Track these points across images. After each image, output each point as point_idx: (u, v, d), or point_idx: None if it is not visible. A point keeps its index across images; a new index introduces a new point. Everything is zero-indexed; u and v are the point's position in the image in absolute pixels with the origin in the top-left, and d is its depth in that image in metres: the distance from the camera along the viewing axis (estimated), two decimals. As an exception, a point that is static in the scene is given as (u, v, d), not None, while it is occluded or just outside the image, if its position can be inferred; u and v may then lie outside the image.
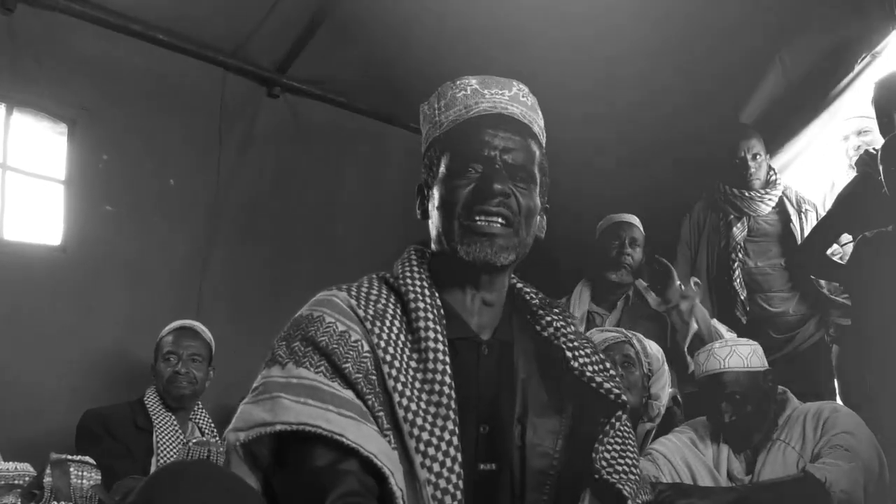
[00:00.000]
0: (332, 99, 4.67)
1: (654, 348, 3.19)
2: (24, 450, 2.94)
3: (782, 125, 4.29)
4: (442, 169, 1.58)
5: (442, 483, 1.36)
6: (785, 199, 4.03)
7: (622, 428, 1.59)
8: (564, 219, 2.72)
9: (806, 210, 4.00)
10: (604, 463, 1.50)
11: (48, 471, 2.70)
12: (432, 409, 1.41)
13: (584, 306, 3.88)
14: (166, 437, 3.28)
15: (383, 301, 1.52)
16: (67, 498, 2.62)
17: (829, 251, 3.83)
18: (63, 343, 3.66)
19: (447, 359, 1.46)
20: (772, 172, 4.02)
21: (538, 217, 1.62)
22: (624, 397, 1.57)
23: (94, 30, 3.82)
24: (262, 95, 4.47)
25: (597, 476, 1.46)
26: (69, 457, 2.74)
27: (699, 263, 4.16)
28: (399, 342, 1.47)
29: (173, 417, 3.36)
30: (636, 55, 4.23)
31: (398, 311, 1.51)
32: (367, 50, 4.39)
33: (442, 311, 1.53)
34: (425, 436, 1.38)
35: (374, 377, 1.41)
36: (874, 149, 3.68)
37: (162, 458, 3.21)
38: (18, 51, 3.61)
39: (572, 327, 1.65)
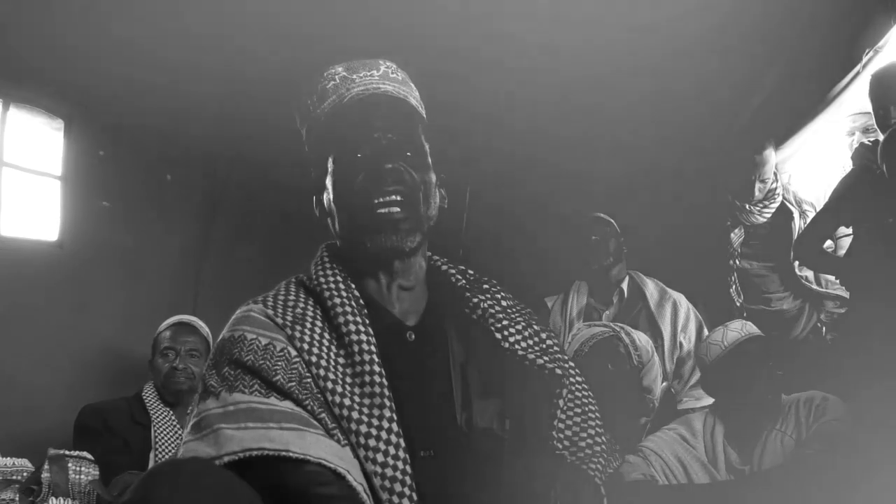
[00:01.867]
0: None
1: (643, 340, 3.19)
2: (21, 445, 2.94)
3: (784, 121, 4.29)
4: (330, 162, 1.57)
5: (388, 472, 1.35)
6: (785, 199, 4.02)
7: (578, 394, 1.57)
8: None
9: (805, 211, 4.00)
10: (567, 443, 1.49)
11: (46, 466, 2.70)
12: (367, 401, 1.40)
13: (582, 301, 3.90)
14: (164, 433, 3.28)
15: (301, 304, 1.51)
16: (65, 493, 2.62)
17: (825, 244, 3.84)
18: (60, 338, 3.66)
19: (373, 348, 1.45)
20: (775, 182, 4.00)
21: (436, 189, 1.60)
22: (559, 371, 1.55)
23: (91, 25, 3.81)
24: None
25: (561, 461, 1.45)
26: (67, 452, 2.75)
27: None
28: (324, 341, 1.46)
29: (171, 413, 3.36)
30: (642, 60, 4.24)
31: (318, 311, 1.51)
32: (360, 44, 4.37)
33: (361, 303, 1.52)
34: (364, 428, 1.37)
35: (308, 381, 1.40)
36: (870, 141, 3.68)
37: (160, 453, 3.21)
38: (14, 46, 3.60)
39: (503, 303, 1.64)
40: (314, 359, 1.42)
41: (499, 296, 1.66)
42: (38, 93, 3.77)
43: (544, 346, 1.60)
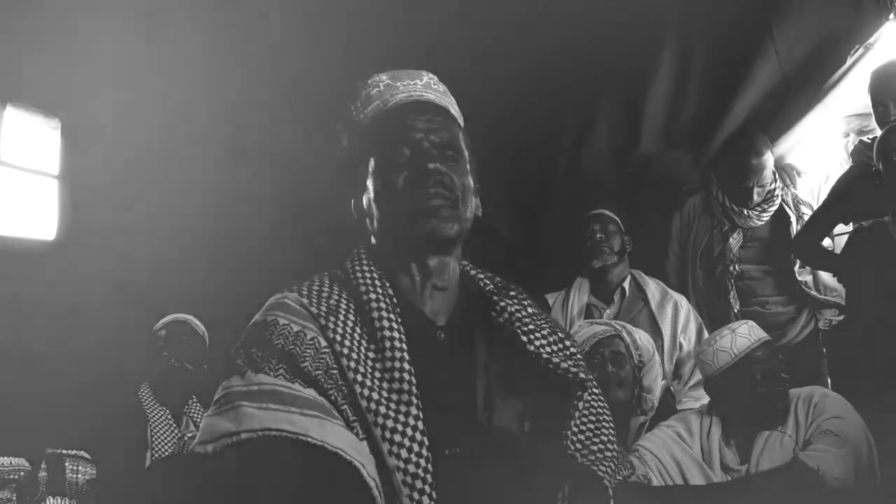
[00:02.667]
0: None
1: (644, 339, 3.19)
2: (18, 445, 2.94)
3: (777, 118, 4.29)
4: (372, 163, 1.60)
5: (411, 468, 1.36)
6: (783, 202, 4.02)
7: (594, 404, 1.59)
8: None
9: (803, 214, 4.00)
10: (578, 445, 1.50)
11: (43, 466, 2.71)
12: (394, 397, 1.41)
13: (583, 299, 3.90)
14: (161, 431, 3.29)
15: (335, 297, 1.53)
16: (62, 493, 2.63)
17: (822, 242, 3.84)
18: (56, 337, 3.65)
19: (404, 346, 1.46)
20: (774, 184, 3.98)
21: (472, 196, 1.64)
22: (582, 375, 1.57)
23: (89, 24, 3.81)
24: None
25: (573, 461, 1.46)
26: (64, 452, 2.75)
27: (685, 262, 4.16)
28: (356, 335, 1.47)
29: (167, 411, 3.37)
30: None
31: (351, 305, 1.52)
32: (357, 41, 4.38)
33: (395, 300, 1.54)
34: (390, 423, 1.38)
35: (334, 371, 1.42)
36: (869, 138, 3.69)
37: (157, 451, 3.22)
38: (11, 45, 3.60)
39: (529, 310, 1.66)
40: (346, 350, 1.43)
41: (525, 302, 1.68)
42: (36, 92, 3.76)
43: (568, 352, 1.62)
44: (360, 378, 1.41)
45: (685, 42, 4.69)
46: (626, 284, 3.87)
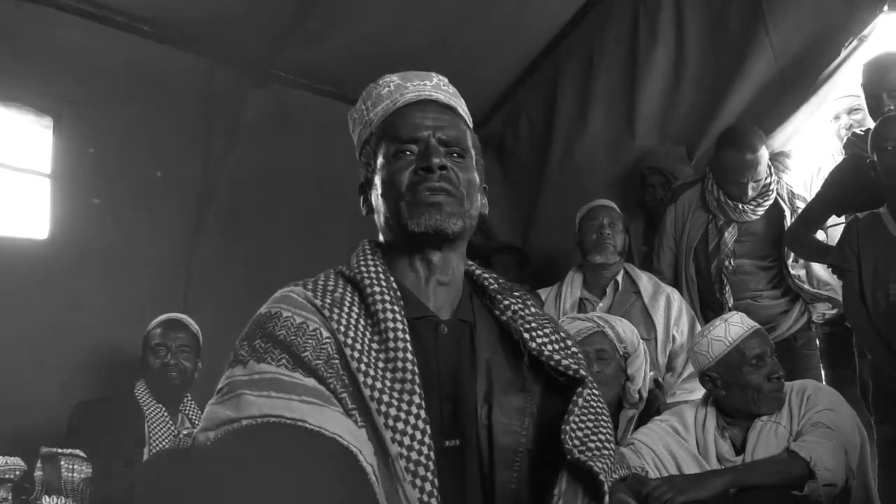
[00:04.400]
0: (319, 88, 4.65)
1: (627, 329, 3.20)
2: (14, 444, 2.93)
3: (772, 111, 4.30)
4: (380, 159, 1.64)
5: (414, 455, 1.39)
6: (778, 196, 4.02)
7: (593, 403, 1.60)
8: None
9: (798, 207, 3.99)
10: (576, 442, 1.50)
11: (39, 465, 2.71)
12: (397, 386, 1.44)
13: (576, 293, 3.90)
14: (157, 428, 3.31)
15: (340, 290, 1.57)
16: (58, 491, 2.63)
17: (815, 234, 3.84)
18: (51, 336, 3.65)
19: (407, 336, 1.49)
20: (769, 178, 3.97)
21: (479, 193, 1.67)
22: (583, 372, 1.60)
23: (79, 22, 3.79)
24: (249, 86, 4.44)
25: (569, 456, 1.47)
26: (60, 450, 2.75)
27: (679, 256, 4.17)
28: (359, 326, 1.50)
29: (163, 409, 3.38)
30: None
31: (356, 298, 1.56)
32: (353, 37, 4.37)
33: (398, 293, 1.57)
34: (393, 411, 1.41)
35: (335, 361, 1.45)
36: (862, 130, 3.69)
37: (154, 448, 3.24)
38: (2, 44, 3.58)
39: (532, 309, 1.69)
40: (349, 341, 1.47)
41: (529, 302, 1.71)
42: (26, 90, 3.74)
43: (570, 351, 1.65)
44: (363, 367, 1.44)
45: (680, 35, 4.70)
46: (619, 278, 3.87)
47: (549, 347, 1.62)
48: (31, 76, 3.70)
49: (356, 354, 1.46)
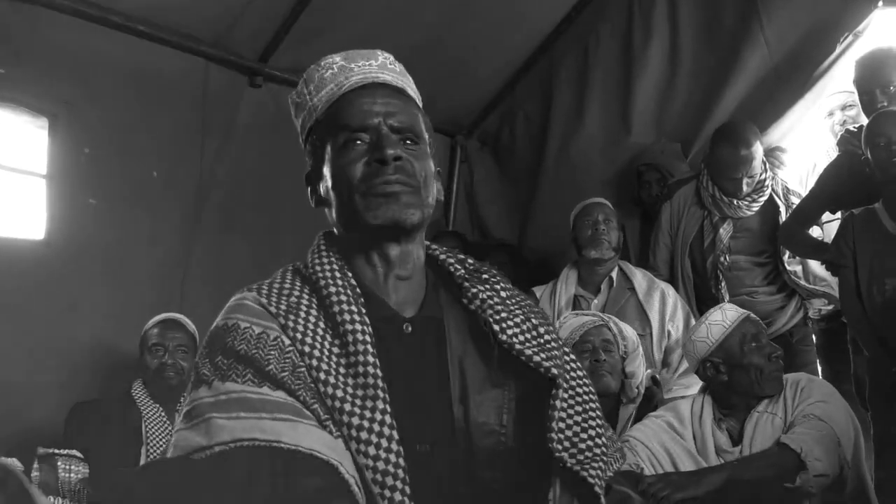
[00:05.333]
0: (315, 87, 4.64)
1: (629, 331, 3.24)
2: (10, 445, 2.93)
3: (766, 107, 4.31)
4: (328, 150, 1.54)
5: (381, 465, 1.33)
6: (773, 192, 4.02)
7: (579, 391, 1.53)
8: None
9: (793, 203, 4.00)
10: (566, 444, 1.44)
11: (36, 465, 2.71)
12: (360, 392, 1.37)
13: (570, 290, 3.91)
14: (155, 429, 3.30)
15: (296, 293, 1.49)
16: (55, 492, 2.63)
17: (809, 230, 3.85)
18: (47, 337, 3.64)
19: (368, 338, 1.42)
20: (764, 174, 3.98)
21: (434, 180, 1.57)
22: (554, 371, 1.50)
23: (74, 22, 3.78)
24: (244, 85, 4.43)
25: (560, 465, 1.42)
26: (57, 451, 2.75)
27: (675, 253, 4.17)
28: (318, 330, 1.43)
29: (161, 409, 3.38)
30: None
31: (313, 300, 1.48)
32: (348, 36, 4.37)
33: (358, 291, 1.49)
34: (356, 420, 1.35)
35: (301, 370, 1.38)
36: (856, 126, 3.69)
37: (151, 449, 3.23)
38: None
39: (502, 294, 1.60)
40: (307, 349, 1.39)
41: (498, 286, 1.61)
42: (22, 91, 3.74)
43: (542, 340, 1.55)
44: (323, 376, 1.38)
45: (675, 30, 4.71)
46: (614, 274, 3.88)
47: (520, 338, 1.52)
48: (27, 76, 3.69)
49: (315, 362, 1.39)
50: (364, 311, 1.45)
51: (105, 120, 3.95)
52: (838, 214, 3.75)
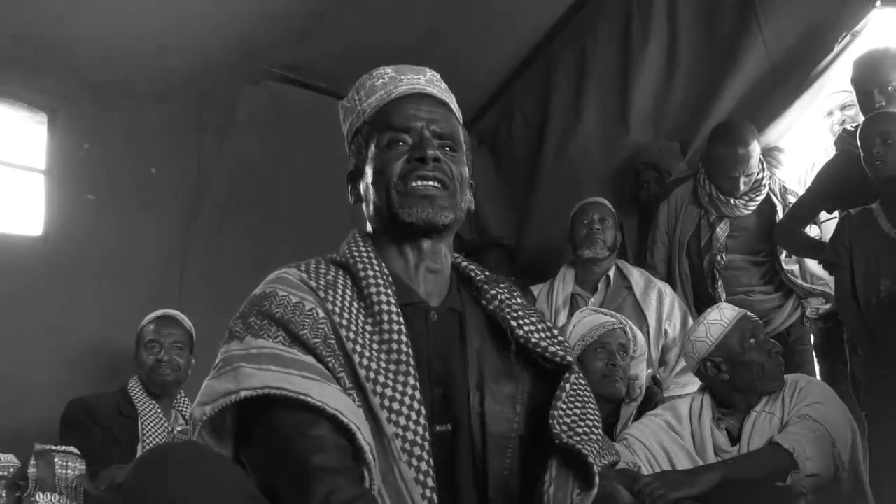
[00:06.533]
0: (312, 85, 4.64)
1: (640, 338, 3.25)
2: (7, 441, 2.94)
3: (764, 106, 4.31)
4: (372, 148, 1.65)
5: (409, 436, 1.41)
6: (770, 191, 4.02)
7: (580, 391, 1.62)
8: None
9: (790, 203, 4.00)
10: (564, 427, 1.52)
11: (32, 462, 2.71)
12: (392, 368, 1.45)
13: (567, 289, 3.91)
14: (151, 425, 3.30)
15: (332, 274, 1.58)
16: (52, 488, 2.63)
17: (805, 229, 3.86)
18: (45, 333, 3.65)
19: (401, 319, 1.51)
20: (761, 173, 3.97)
21: (468, 188, 1.69)
22: (569, 358, 1.62)
23: (73, 17, 3.78)
24: (242, 82, 4.44)
25: (557, 441, 1.48)
26: (53, 447, 2.76)
27: (672, 251, 4.18)
28: (353, 308, 1.52)
29: (157, 405, 3.37)
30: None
31: (348, 282, 1.57)
32: (346, 34, 4.37)
33: (390, 279, 1.58)
34: (388, 392, 1.43)
35: (332, 341, 1.46)
36: (854, 126, 3.70)
37: (147, 445, 3.22)
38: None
39: (518, 300, 1.71)
40: (344, 322, 1.48)
41: (515, 293, 1.74)
42: (21, 86, 3.74)
43: (556, 339, 1.66)
44: (358, 349, 1.46)
45: (673, 29, 4.71)
46: (611, 273, 3.89)
47: (536, 335, 1.63)
48: (25, 72, 3.70)
49: (351, 336, 1.47)
50: (395, 297, 1.55)
51: (104, 116, 3.95)
52: (836, 213, 3.75)
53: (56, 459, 2.70)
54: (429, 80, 1.71)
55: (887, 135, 3.20)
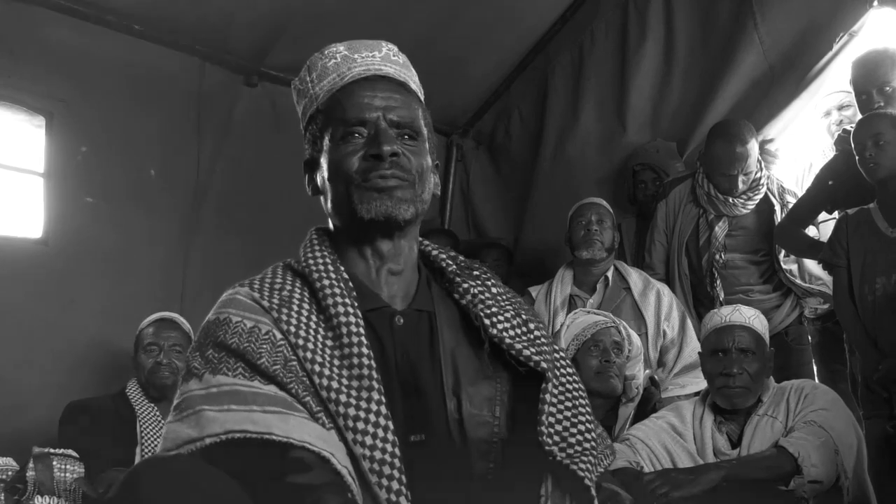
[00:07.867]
0: (311, 86, 4.64)
1: (635, 337, 3.25)
2: (6, 444, 2.94)
3: (762, 106, 4.31)
4: (326, 140, 1.55)
5: (377, 455, 1.34)
6: (768, 191, 4.02)
7: (568, 386, 1.56)
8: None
9: (788, 202, 4.00)
10: (556, 438, 1.46)
11: (31, 465, 2.71)
12: (354, 384, 1.38)
13: (566, 290, 3.91)
14: (150, 428, 3.29)
15: (289, 287, 1.50)
16: (51, 491, 2.63)
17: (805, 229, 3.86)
18: (45, 336, 3.65)
19: (361, 330, 1.43)
20: (759, 172, 3.97)
21: (430, 174, 1.59)
22: (543, 364, 1.52)
23: (70, 21, 3.79)
24: (240, 84, 4.45)
25: (550, 458, 1.43)
26: (52, 450, 2.75)
27: (671, 251, 4.18)
28: (311, 323, 1.44)
29: (155, 408, 3.36)
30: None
31: (305, 293, 1.49)
32: (343, 34, 4.36)
33: (350, 285, 1.51)
34: (352, 411, 1.36)
35: (293, 363, 1.39)
36: (852, 126, 3.70)
37: (146, 448, 3.22)
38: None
39: (493, 290, 1.62)
40: (301, 342, 1.40)
41: (489, 282, 1.64)
42: (19, 89, 3.75)
43: (531, 336, 1.57)
44: (317, 368, 1.39)
45: (670, 29, 4.72)
46: (610, 274, 3.88)
47: (510, 334, 1.55)
48: (23, 75, 3.70)
49: (309, 355, 1.40)
50: (356, 303, 1.47)
51: (102, 118, 3.96)
52: (835, 214, 3.75)
53: (55, 462, 2.70)
54: (384, 58, 1.58)
55: (879, 136, 3.21)
